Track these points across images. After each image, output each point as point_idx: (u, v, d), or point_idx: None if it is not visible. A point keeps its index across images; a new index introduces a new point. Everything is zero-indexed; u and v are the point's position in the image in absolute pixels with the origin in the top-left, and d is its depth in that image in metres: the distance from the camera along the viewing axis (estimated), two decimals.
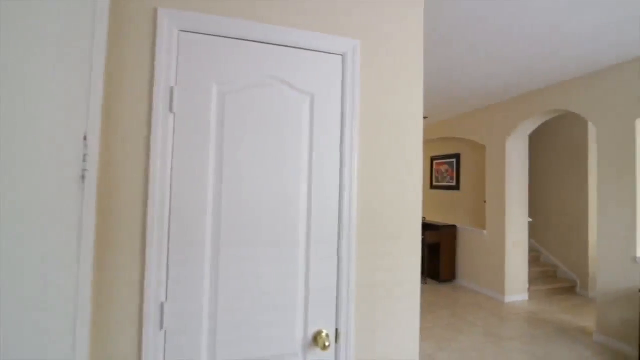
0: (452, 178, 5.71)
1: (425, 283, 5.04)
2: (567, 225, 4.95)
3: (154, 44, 1.02)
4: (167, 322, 0.99)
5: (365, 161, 1.21)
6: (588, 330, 3.41)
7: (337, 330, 1.15)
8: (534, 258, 5.25)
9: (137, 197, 0.99)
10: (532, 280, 4.79)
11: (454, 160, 5.67)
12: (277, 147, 1.11)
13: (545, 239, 5.30)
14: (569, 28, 2.41)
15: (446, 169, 5.86)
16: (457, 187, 5.60)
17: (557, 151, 5.15)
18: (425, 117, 5.51)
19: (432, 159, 6.23)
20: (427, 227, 5.30)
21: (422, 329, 3.36)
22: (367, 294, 1.19)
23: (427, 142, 6.44)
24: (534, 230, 5.46)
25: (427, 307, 3.98)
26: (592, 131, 4.63)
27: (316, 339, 1.11)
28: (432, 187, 6.20)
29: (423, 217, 5.58)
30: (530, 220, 5.21)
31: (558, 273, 5.08)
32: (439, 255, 5.09)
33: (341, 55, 1.20)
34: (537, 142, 5.49)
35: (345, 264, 1.15)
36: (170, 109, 1.02)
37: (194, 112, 1.04)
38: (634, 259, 2.91)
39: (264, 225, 1.08)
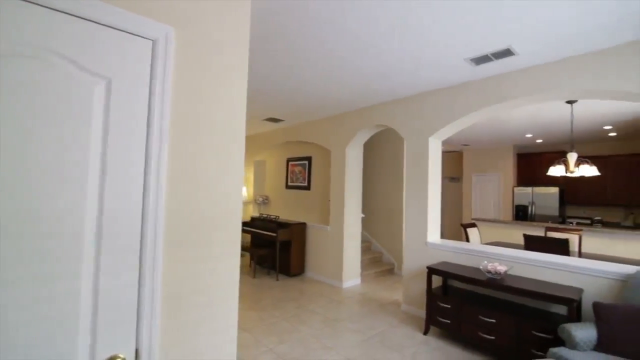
0: (304, 179, 6.15)
1: (277, 279, 5.23)
2: (389, 219, 6.10)
3: None
4: None
5: (178, 162, 1.11)
6: (398, 303, 4.27)
7: (137, 350, 1.01)
8: (366, 247, 6.24)
9: None
10: (365, 266, 5.66)
11: (307, 162, 6.12)
12: (52, 137, 0.88)
13: (374, 231, 6.37)
14: (389, 63, 2.95)
15: (300, 170, 6.27)
16: (308, 188, 6.06)
17: (383, 158, 6.28)
18: (281, 120, 5.74)
19: (288, 161, 6.55)
20: (280, 225, 5.53)
21: (266, 324, 3.47)
22: (178, 304, 1.10)
23: (284, 144, 6.73)
24: (367, 224, 6.49)
25: (274, 303, 4.14)
26: (406, 144, 5.83)
27: None
28: (287, 187, 6.52)
29: (277, 216, 5.80)
30: (363, 215, 6.14)
31: (383, 258, 6.18)
32: (290, 251, 5.39)
33: (152, 40, 1.07)
34: (370, 149, 6.54)
35: (148, 276, 1.02)
36: None
37: None
38: (425, 243, 3.82)
39: (27, 238, 0.84)
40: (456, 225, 9.10)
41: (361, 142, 5.06)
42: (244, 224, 6.19)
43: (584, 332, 2.15)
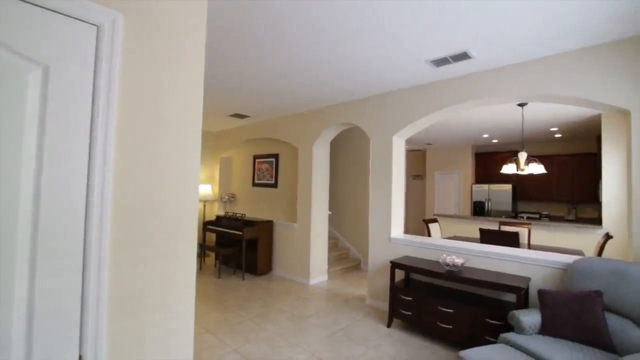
0: (271, 176, 6.09)
1: (243, 279, 5.14)
2: (356, 216, 6.20)
3: None
4: None
5: (127, 157, 1.05)
6: (363, 297, 4.36)
7: (80, 357, 0.95)
8: (333, 244, 6.30)
9: None
10: (332, 262, 5.72)
11: (274, 159, 6.06)
12: None
13: (341, 228, 6.46)
14: (355, 61, 2.98)
15: (266, 168, 6.19)
16: (275, 185, 6.00)
17: (351, 156, 6.37)
18: (247, 116, 5.63)
19: (255, 158, 6.44)
20: (246, 223, 5.43)
21: (231, 324, 3.40)
22: (128, 307, 1.05)
23: (251, 141, 6.61)
24: (334, 221, 6.55)
25: (240, 303, 4.06)
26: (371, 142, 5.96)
27: None
28: (254, 184, 6.42)
29: (243, 214, 5.69)
30: (330, 213, 6.19)
31: (350, 254, 6.29)
32: (257, 250, 5.32)
33: (96, 26, 1.00)
34: (338, 147, 6.61)
35: (93, 277, 0.96)
36: None
37: None
38: (389, 238, 3.93)
39: None
40: (420, 221, 9.46)
41: (328, 139, 5.09)
42: (209, 223, 6.01)
43: (530, 318, 2.32)
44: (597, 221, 6.06)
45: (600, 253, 3.84)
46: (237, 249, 5.47)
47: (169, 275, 1.14)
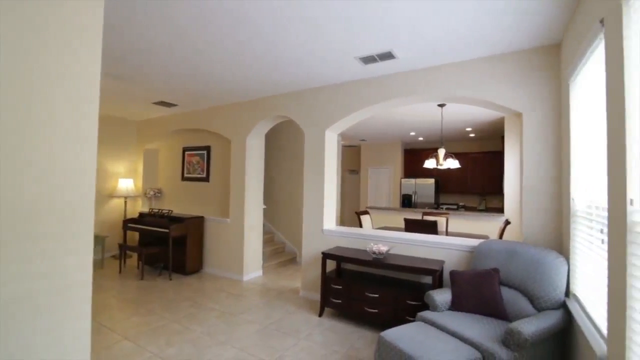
0: (202, 170, 5.76)
1: (170, 279, 4.80)
2: (292, 210, 6.21)
3: None
4: None
5: (7, 136, 0.88)
6: (297, 290, 4.39)
7: None
8: (269, 239, 6.24)
9: None
10: (267, 257, 5.65)
11: (205, 152, 5.74)
12: None
13: (277, 222, 6.42)
14: (286, 54, 2.94)
15: (197, 161, 5.84)
16: (207, 179, 5.70)
17: (287, 149, 6.34)
18: (175, 105, 5.23)
19: (184, 150, 6.03)
20: (173, 220, 5.07)
21: (152, 328, 3.15)
22: (4, 313, 0.88)
23: (180, 132, 6.18)
24: (270, 215, 6.48)
25: (165, 305, 3.78)
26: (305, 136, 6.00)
27: None
28: (184, 178, 6.01)
29: (169, 211, 5.31)
30: (265, 207, 6.11)
31: (286, 248, 6.28)
32: (186, 248, 5.01)
33: None
34: (273, 140, 6.53)
35: None
36: None
37: None
38: (322, 230, 4.01)
39: None
40: (355, 213, 9.86)
41: (262, 132, 4.99)
42: (131, 220, 5.47)
43: (442, 296, 2.56)
44: (501, 210, 6.97)
45: (501, 236, 4.42)
46: (163, 247, 5.08)
47: (55, 275, 0.99)
